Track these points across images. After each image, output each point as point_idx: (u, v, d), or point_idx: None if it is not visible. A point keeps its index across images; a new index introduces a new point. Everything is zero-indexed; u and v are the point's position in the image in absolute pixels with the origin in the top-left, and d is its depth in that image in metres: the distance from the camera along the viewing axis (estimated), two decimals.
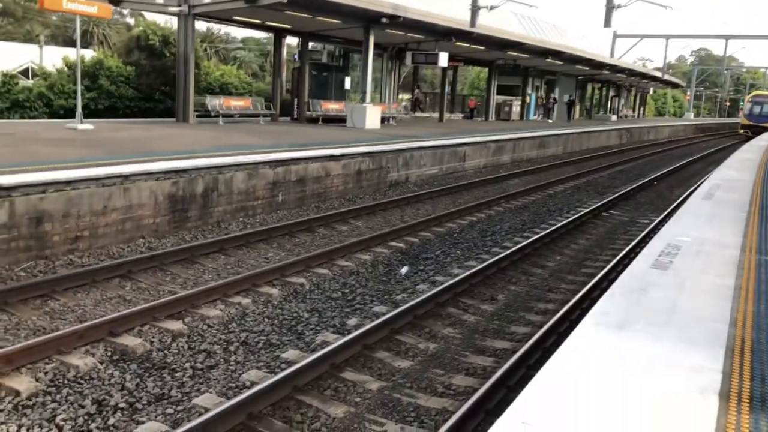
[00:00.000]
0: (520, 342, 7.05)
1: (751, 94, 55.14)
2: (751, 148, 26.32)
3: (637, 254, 6.92)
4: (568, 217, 14.12)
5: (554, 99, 43.10)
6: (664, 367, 3.68)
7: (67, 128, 15.56)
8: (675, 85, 69.08)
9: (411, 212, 14.05)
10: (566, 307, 7.83)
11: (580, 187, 19.97)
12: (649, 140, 44.97)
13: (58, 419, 5.07)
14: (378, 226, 12.44)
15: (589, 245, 12.26)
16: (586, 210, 15.07)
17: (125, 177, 9.61)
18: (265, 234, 10.92)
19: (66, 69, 26.96)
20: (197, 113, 20.20)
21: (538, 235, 11.84)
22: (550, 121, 39.60)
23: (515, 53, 30.59)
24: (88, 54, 41.95)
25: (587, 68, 40.12)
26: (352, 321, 7.48)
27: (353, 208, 13.46)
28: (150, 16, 36.43)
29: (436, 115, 34.60)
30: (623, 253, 10.86)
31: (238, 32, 71.93)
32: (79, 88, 15.30)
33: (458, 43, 25.30)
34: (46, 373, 5.76)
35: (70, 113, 24.46)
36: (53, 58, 41.76)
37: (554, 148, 28.67)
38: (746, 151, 23.72)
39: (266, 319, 7.44)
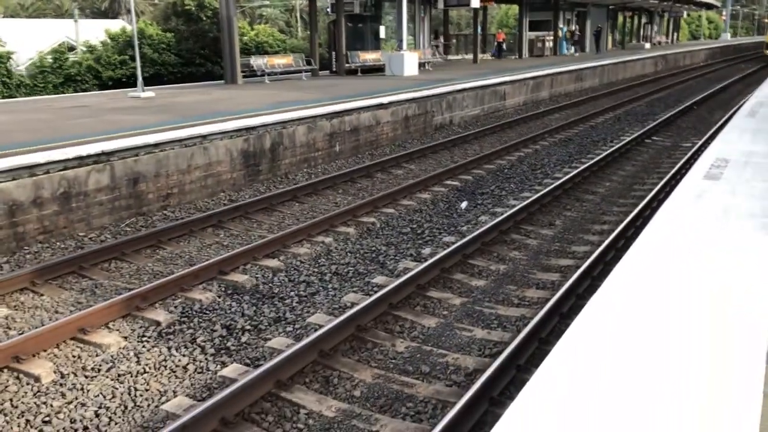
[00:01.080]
0: (582, 259, 7.78)
1: None
2: None
3: (687, 171, 7.53)
4: (612, 146, 14.62)
5: (578, 31, 42.24)
6: (726, 251, 4.41)
7: (130, 97, 16.49)
8: (709, 6, 67.00)
9: (460, 153, 14.70)
10: (620, 227, 8.52)
11: (620, 117, 20.28)
12: (685, 65, 44.25)
13: (198, 341, 6.03)
14: (431, 167, 13.14)
15: (636, 171, 12.82)
16: (629, 138, 15.52)
17: (203, 137, 10.47)
18: (330, 182, 11.74)
19: (109, 41, 27.86)
20: (243, 74, 20.93)
21: (585, 165, 12.44)
22: (577, 54, 38.99)
23: None
24: (119, 25, 42.75)
25: None
26: (427, 250, 8.30)
27: (405, 153, 14.17)
28: None
29: (468, 56, 34.69)
30: (671, 173, 11.42)
31: None
32: (138, 58, 16.11)
33: None
34: (176, 307, 6.73)
35: (117, 84, 25.48)
36: (87, 31, 42.74)
37: (591, 80, 28.72)
38: None
39: (349, 254, 8.30)
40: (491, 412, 4.72)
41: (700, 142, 14.48)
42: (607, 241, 7.99)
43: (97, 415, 4.84)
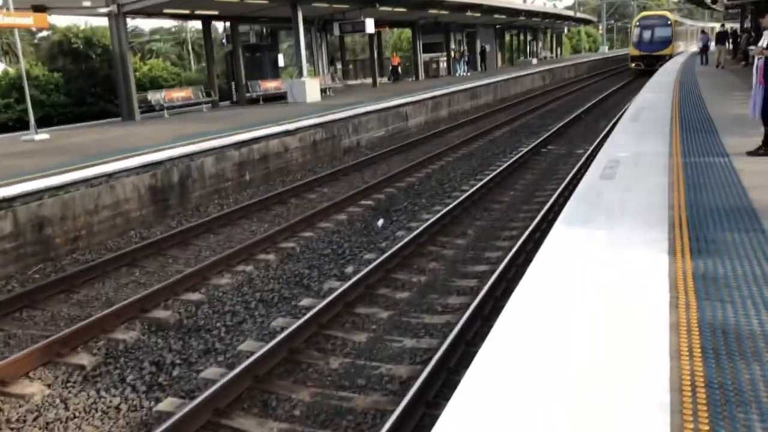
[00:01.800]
0: (495, 264, 8.18)
1: (638, 17, 45.04)
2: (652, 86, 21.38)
3: (585, 171, 8.10)
4: (512, 157, 15.36)
5: (466, 51, 43.82)
6: (625, 242, 4.84)
7: (24, 140, 15.75)
8: (587, 22, 71.63)
9: (370, 173, 15.00)
10: (527, 232, 9.02)
11: (516, 130, 21.31)
12: (570, 78, 46.93)
13: (128, 380, 5.90)
14: (343, 189, 13.34)
15: (536, 178, 13.54)
16: (526, 149, 16.36)
17: (109, 175, 10.22)
18: (243, 211, 11.71)
19: None
20: (140, 109, 20.48)
21: (489, 177, 13.02)
22: (468, 73, 40.36)
23: (436, 11, 31.56)
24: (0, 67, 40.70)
25: (504, 16, 41.50)
26: (349, 269, 8.46)
27: (316, 177, 14.31)
28: (67, 20, 35.65)
29: (367, 80, 35.38)
30: (568, 178, 12.16)
31: (145, 24, 70.23)
32: (29, 100, 15.48)
33: (382, 8, 26.06)
34: (99, 349, 6.54)
35: (3, 128, 24.27)
36: None
37: (485, 97, 29.96)
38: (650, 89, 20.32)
39: (272, 280, 8.33)
40: (429, 415, 4.91)
41: (591, 148, 15.47)
42: (516, 246, 8.44)
43: None
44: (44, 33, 49.48)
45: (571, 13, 58.44)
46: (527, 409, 2.74)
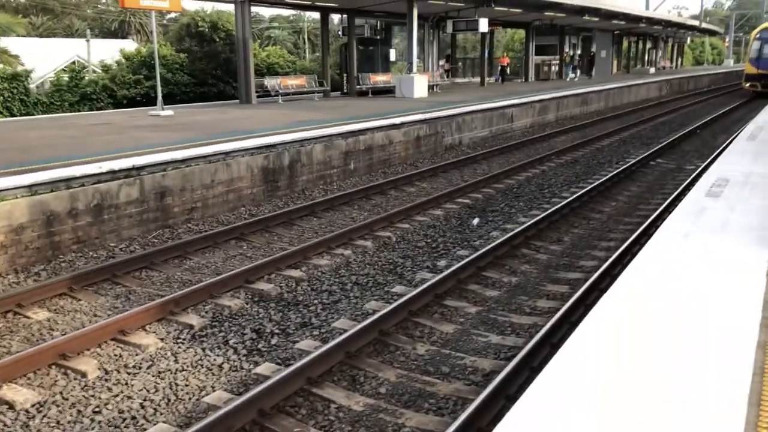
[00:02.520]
0: (590, 272, 8.17)
1: (760, 28, 37.10)
2: None
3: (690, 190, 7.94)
4: (618, 168, 15.04)
5: (577, 56, 42.57)
6: (722, 260, 4.82)
7: (150, 115, 17.03)
8: (712, 33, 67.95)
9: (469, 172, 15.15)
10: (626, 244, 8.92)
11: (625, 139, 20.75)
12: (689, 90, 44.87)
13: (230, 342, 6.42)
14: (442, 186, 13.58)
15: (640, 191, 13.23)
16: (634, 160, 15.96)
17: (226, 154, 10.95)
18: (346, 198, 12.19)
19: (124, 60, 28.56)
20: (256, 93, 21.52)
21: (591, 185, 12.86)
22: (576, 78, 39.30)
23: (552, 13, 31.07)
24: (129, 45, 43.56)
25: (623, 22, 40.19)
26: (442, 263, 8.71)
27: (416, 172, 14.62)
28: (196, 5, 37.63)
29: (475, 79, 35.34)
30: (675, 194, 11.83)
31: (265, 11, 72.81)
32: (158, 78, 16.68)
33: (497, 8, 25.99)
34: (207, 312, 7.13)
35: (131, 103, 26.11)
36: (97, 51, 43.59)
37: (596, 104, 29.26)
38: None
39: (368, 266, 8.70)
40: (508, 408, 5.09)
41: (703, 165, 14.90)
42: (613, 257, 8.38)
43: (143, 407, 5.22)
44: (173, 15, 52.51)
45: (695, 22, 55.67)
46: (597, 410, 2.89)
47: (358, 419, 5.07)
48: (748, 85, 36.36)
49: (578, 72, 41.19)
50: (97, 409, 5.17)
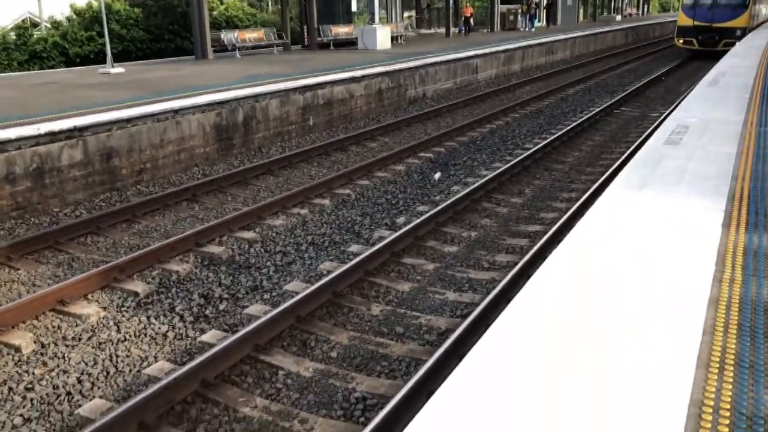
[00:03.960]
0: (550, 225, 8.02)
1: None
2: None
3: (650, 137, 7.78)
4: (582, 117, 14.87)
5: (534, 4, 41.14)
6: (678, 211, 4.64)
7: (100, 73, 16.30)
8: None
9: (433, 126, 14.84)
10: (587, 195, 8.77)
11: (590, 88, 20.55)
12: (654, 37, 44.69)
13: (176, 309, 6.15)
14: (404, 140, 13.27)
15: (604, 141, 13.10)
16: (598, 109, 15.79)
17: (176, 111, 10.47)
18: (304, 155, 11.82)
19: (75, 17, 27.33)
20: (213, 48, 20.76)
21: (555, 136, 12.67)
22: (533, 30, 37.98)
23: None
24: (84, 1, 41.78)
25: None
26: (401, 219, 8.47)
27: (378, 126, 14.27)
28: None
29: (441, 30, 34.70)
30: (638, 142, 11.70)
31: None
32: (107, 33, 15.90)
33: None
34: (153, 278, 6.83)
35: (85, 61, 25.06)
36: (50, 7, 41.75)
37: (562, 53, 28.94)
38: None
39: (325, 225, 8.44)
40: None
41: (667, 112, 14.80)
42: (573, 208, 8.24)
43: (80, 381, 4.96)
44: None
45: None
46: (539, 364, 2.71)
47: (307, 386, 4.87)
48: (681, 41, 27.41)
49: (536, 21, 40.12)
50: (29, 386, 4.89)
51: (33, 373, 5.05)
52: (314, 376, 4.99)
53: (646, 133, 12.55)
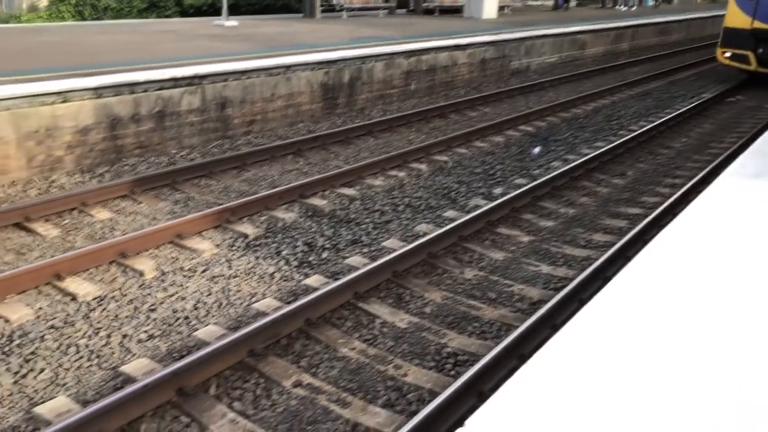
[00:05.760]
0: (651, 209, 7.91)
1: None
2: None
3: None
4: (692, 103, 14.29)
5: None
6: None
7: (215, 25, 16.99)
8: None
9: (535, 99, 14.67)
10: (693, 182, 8.56)
11: (703, 73, 19.60)
12: None
13: (282, 254, 6.54)
14: (505, 111, 13.21)
15: (714, 129, 12.59)
16: (710, 96, 15.11)
17: (287, 67, 10.86)
18: (404, 119, 12.01)
19: None
20: (321, 8, 21.11)
21: (662, 120, 12.28)
22: (633, 8, 35.50)
23: None
24: None
25: None
26: (498, 190, 8.56)
27: (479, 96, 14.24)
28: None
29: (549, 2, 33.70)
30: (753, 132, 11.21)
31: None
32: None
33: None
34: (262, 223, 7.26)
35: (198, 12, 26.02)
36: None
37: (677, 34, 27.63)
38: None
39: (422, 189, 8.64)
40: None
41: None
42: (677, 194, 8.07)
43: (196, 308, 5.42)
44: None
45: None
46: (634, 347, 2.82)
47: (402, 335, 5.14)
48: (727, 55, 16.25)
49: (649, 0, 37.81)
50: (152, 307, 5.39)
51: (155, 296, 5.56)
52: (408, 327, 5.25)
53: (764, 123, 11.97)
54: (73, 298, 5.44)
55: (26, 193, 7.64)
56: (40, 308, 5.26)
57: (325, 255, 6.54)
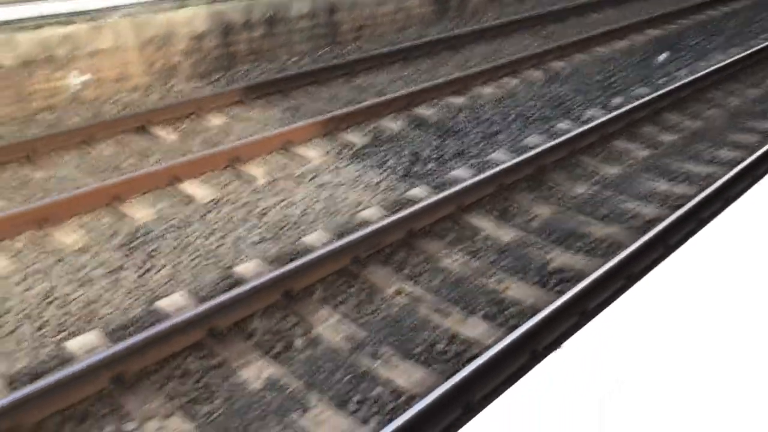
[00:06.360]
0: None
1: None
2: None
3: None
4: None
5: None
6: None
7: None
8: None
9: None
10: None
11: None
12: None
13: (388, 163, 6.55)
14: (631, 14, 12.24)
15: None
16: None
17: None
18: (519, 24, 11.41)
19: None
20: None
21: None
22: None
23: None
24: None
25: None
26: (616, 101, 8.07)
27: None
28: None
29: None
30: None
31: None
32: None
33: None
34: (369, 132, 7.25)
35: None
36: None
37: None
38: None
39: (534, 98, 8.28)
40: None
41: None
42: None
43: (304, 214, 5.58)
44: None
45: None
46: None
47: (505, 250, 5.08)
48: None
49: None
50: (264, 212, 5.60)
51: (266, 201, 5.76)
52: (512, 242, 5.17)
53: None
54: (191, 200, 5.74)
55: (147, 98, 8.01)
56: (161, 209, 5.60)
57: (430, 166, 6.49)
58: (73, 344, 3.97)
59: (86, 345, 3.95)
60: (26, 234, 5.14)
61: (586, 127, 6.83)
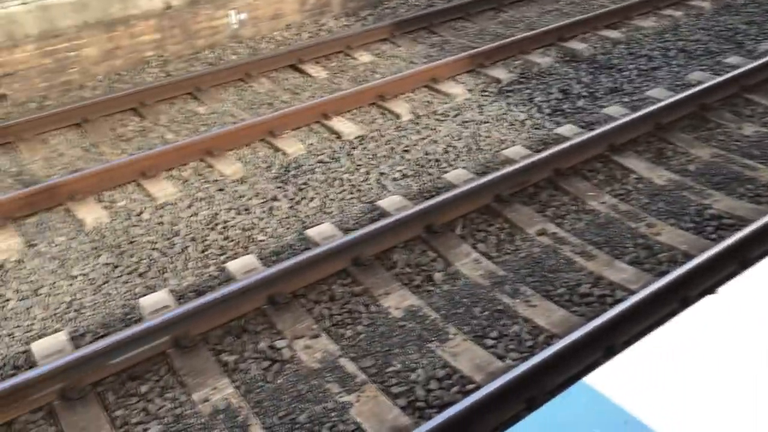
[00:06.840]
0: None
1: None
2: None
3: None
4: None
5: None
6: None
7: None
8: None
9: None
10: None
11: None
12: None
13: (535, 100, 6.35)
14: None
15: None
16: None
17: None
18: None
19: None
20: None
21: None
22: None
23: None
24: None
25: None
26: None
27: None
28: None
29: None
30: None
31: None
32: None
33: None
34: (515, 68, 7.04)
35: None
36: None
37: None
38: None
39: (701, 30, 7.60)
40: None
41: None
42: None
43: (446, 151, 5.58)
44: None
45: None
46: None
47: (658, 193, 4.81)
48: None
49: None
50: (407, 148, 5.67)
51: (410, 138, 5.82)
52: (667, 185, 4.88)
53: None
54: (338, 136, 5.92)
55: (299, 36, 8.25)
56: (311, 144, 5.83)
57: (580, 103, 6.21)
58: (233, 266, 4.32)
59: (244, 267, 4.28)
60: (192, 164, 5.58)
61: (759, 61, 6.20)
